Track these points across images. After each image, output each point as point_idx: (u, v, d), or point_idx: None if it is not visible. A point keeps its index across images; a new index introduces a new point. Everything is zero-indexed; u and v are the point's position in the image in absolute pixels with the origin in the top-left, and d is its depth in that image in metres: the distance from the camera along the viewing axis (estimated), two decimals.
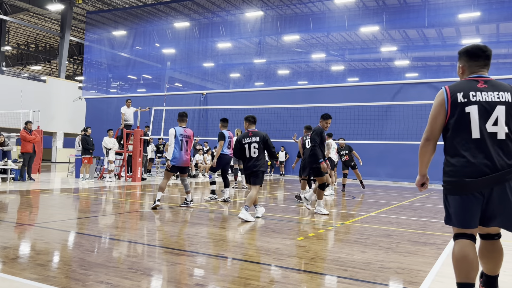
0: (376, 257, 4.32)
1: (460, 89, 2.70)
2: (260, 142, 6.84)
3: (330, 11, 22.90)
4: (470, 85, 2.71)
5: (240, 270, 3.73)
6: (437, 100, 2.75)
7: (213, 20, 26.68)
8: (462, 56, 2.86)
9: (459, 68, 2.89)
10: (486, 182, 2.57)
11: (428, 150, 2.76)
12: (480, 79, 2.74)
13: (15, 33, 36.69)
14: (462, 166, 2.61)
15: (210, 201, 8.99)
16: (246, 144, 6.85)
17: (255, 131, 7.00)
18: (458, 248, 2.63)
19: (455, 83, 2.80)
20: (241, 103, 20.58)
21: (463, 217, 2.63)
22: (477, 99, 2.65)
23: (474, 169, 2.57)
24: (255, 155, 6.79)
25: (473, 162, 2.58)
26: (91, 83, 30.10)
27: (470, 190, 2.60)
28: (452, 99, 2.68)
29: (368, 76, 24.72)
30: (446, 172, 2.71)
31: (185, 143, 7.75)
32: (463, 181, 2.60)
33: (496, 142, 2.60)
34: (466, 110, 2.64)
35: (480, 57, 2.79)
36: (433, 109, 2.76)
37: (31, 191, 10.04)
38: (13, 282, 3.13)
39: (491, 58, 2.82)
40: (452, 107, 2.68)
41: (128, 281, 3.25)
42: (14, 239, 4.69)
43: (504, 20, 19.79)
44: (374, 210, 8.67)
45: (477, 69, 2.80)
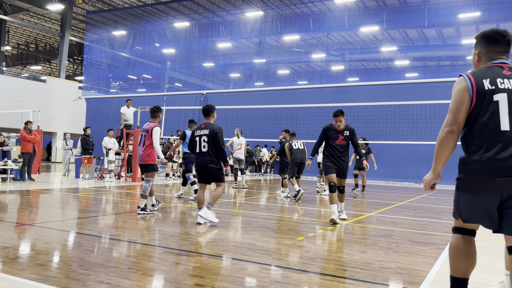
0: (376, 257, 4.32)
1: (485, 75, 2.40)
2: (209, 136, 6.02)
3: (330, 11, 22.91)
4: (496, 71, 2.41)
5: (240, 270, 3.73)
6: (459, 86, 2.42)
7: (213, 20, 26.69)
8: (479, 41, 2.58)
9: (475, 54, 2.61)
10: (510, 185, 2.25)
11: (451, 144, 2.41)
12: (505, 66, 2.44)
13: (15, 33, 36.70)
14: (486, 163, 2.29)
15: (195, 201, 8.97)
16: (197, 137, 6.12)
17: (209, 123, 6.20)
18: (454, 243, 2.51)
19: (477, 69, 2.50)
20: (241, 103, 20.58)
21: (470, 212, 2.41)
22: (505, 86, 2.35)
23: (500, 166, 2.25)
24: (205, 150, 6.02)
25: (503, 157, 2.25)
26: (91, 83, 30.10)
27: (498, 190, 2.28)
28: (478, 85, 2.36)
29: (368, 76, 24.73)
30: (466, 169, 2.39)
31: (143, 137, 7.08)
32: (487, 180, 2.29)
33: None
34: (494, 98, 2.33)
35: (499, 42, 2.51)
36: (456, 97, 2.42)
37: (31, 191, 10.04)
38: (13, 282, 3.13)
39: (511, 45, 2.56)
40: (478, 94, 2.36)
41: (128, 281, 3.25)
42: (14, 239, 4.68)
43: (504, 20, 19.78)
44: (374, 210, 8.67)
45: (496, 55, 2.52)
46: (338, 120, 6.64)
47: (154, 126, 7.03)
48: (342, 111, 6.71)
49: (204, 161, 6.03)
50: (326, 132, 6.71)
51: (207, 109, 6.31)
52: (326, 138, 6.74)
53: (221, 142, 6.02)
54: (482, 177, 2.31)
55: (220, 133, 6.03)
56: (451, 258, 2.53)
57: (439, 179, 2.54)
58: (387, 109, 17.12)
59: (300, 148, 10.42)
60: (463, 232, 2.52)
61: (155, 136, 6.98)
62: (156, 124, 7.13)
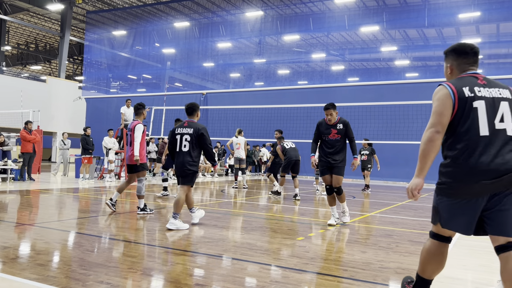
0: (376, 257, 4.32)
1: (464, 83, 2.53)
2: (192, 135, 5.67)
3: (330, 11, 22.90)
4: (472, 80, 2.55)
5: (240, 270, 3.73)
6: (442, 93, 2.52)
7: (213, 20, 26.68)
8: (449, 54, 2.74)
9: (447, 68, 2.76)
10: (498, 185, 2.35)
11: (437, 144, 2.45)
12: (479, 76, 2.60)
13: (15, 33, 36.69)
14: (472, 166, 2.37)
15: (162, 197, 9.15)
16: (178, 135, 5.76)
17: (193, 122, 5.85)
18: (429, 247, 2.61)
19: (454, 80, 2.62)
20: (241, 103, 20.58)
21: (457, 220, 2.45)
22: (482, 94, 2.48)
23: (483, 169, 2.35)
24: (186, 149, 5.67)
25: (485, 161, 2.36)
26: (91, 83, 30.09)
27: (473, 194, 2.39)
28: (459, 93, 2.48)
29: (368, 76, 24.72)
30: (447, 172, 2.47)
31: (129, 136, 6.92)
32: (469, 183, 2.37)
33: (505, 139, 2.43)
34: (474, 105, 2.45)
35: (468, 54, 2.68)
36: (440, 102, 2.50)
37: (31, 191, 10.04)
38: (13, 282, 3.13)
39: (478, 55, 2.72)
40: (460, 101, 2.47)
41: (128, 281, 3.25)
42: (14, 239, 4.69)
43: (504, 20, 19.78)
44: (374, 210, 8.67)
45: (467, 66, 2.68)
46: (329, 114, 6.31)
47: (137, 124, 6.91)
48: (333, 104, 6.36)
49: (184, 162, 5.67)
50: (319, 128, 6.43)
51: (191, 108, 5.95)
52: (319, 133, 6.44)
53: (207, 142, 5.74)
54: (466, 180, 2.39)
55: (206, 133, 5.75)
56: (422, 259, 2.64)
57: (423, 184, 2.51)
58: (387, 109, 17.11)
59: (293, 147, 10.70)
60: (440, 238, 2.60)
61: (137, 134, 6.82)
62: (139, 122, 6.99)
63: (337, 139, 6.30)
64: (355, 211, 8.40)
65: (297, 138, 18.00)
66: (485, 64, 20.97)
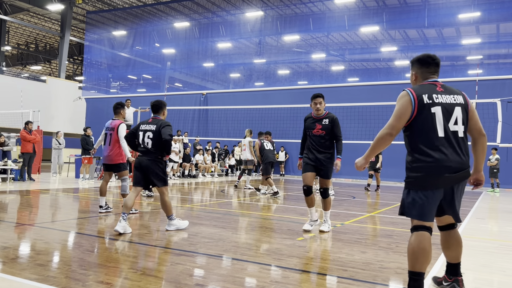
0: (376, 257, 4.32)
1: (424, 91, 2.92)
2: (155, 131, 5.40)
3: (330, 11, 22.89)
4: (431, 88, 2.95)
5: (240, 270, 3.73)
6: (404, 100, 2.92)
7: (213, 20, 26.67)
8: (415, 64, 3.14)
9: (412, 75, 3.16)
10: (457, 178, 2.83)
11: (387, 143, 2.96)
12: (437, 83, 3.00)
13: (15, 33, 36.68)
14: (433, 162, 2.80)
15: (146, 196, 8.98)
16: (141, 132, 5.49)
17: (157, 118, 5.58)
18: (417, 240, 2.83)
19: (416, 86, 3.01)
20: (241, 103, 20.57)
21: (426, 210, 2.84)
22: (439, 100, 2.89)
23: (445, 165, 2.79)
24: (149, 146, 5.41)
25: (444, 158, 2.79)
26: (91, 83, 30.08)
27: (441, 186, 2.82)
28: (419, 99, 2.88)
29: (368, 76, 24.71)
30: (414, 168, 2.88)
31: (109, 136, 6.84)
32: (434, 177, 2.80)
33: (458, 140, 2.87)
34: (432, 110, 2.86)
35: (430, 64, 3.07)
36: (400, 108, 2.92)
37: (31, 191, 10.04)
38: (13, 282, 3.13)
39: (440, 65, 3.11)
40: (419, 107, 2.87)
41: (128, 281, 3.25)
42: (14, 239, 4.69)
43: (504, 20, 19.78)
44: (374, 210, 8.67)
45: (429, 75, 3.07)
46: (318, 102, 5.73)
47: (120, 124, 6.81)
48: (321, 94, 5.87)
49: (147, 160, 5.40)
50: (305, 122, 5.86)
51: (156, 105, 5.66)
52: (305, 129, 5.83)
53: (167, 131, 5.35)
54: (431, 174, 2.81)
55: (169, 126, 5.44)
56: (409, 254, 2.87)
57: (366, 164, 3.15)
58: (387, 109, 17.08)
59: (271, 149, 11.32)
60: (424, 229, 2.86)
61: (121, 134, 6.70)
62: (121, 121, 6.92)
63: (321, 135, 5.60)
64: (355, 211, 8.40)
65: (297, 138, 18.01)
66: (485, 64, 20.98)
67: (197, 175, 17.95)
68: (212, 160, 19.49)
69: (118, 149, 6.86)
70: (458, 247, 3.12)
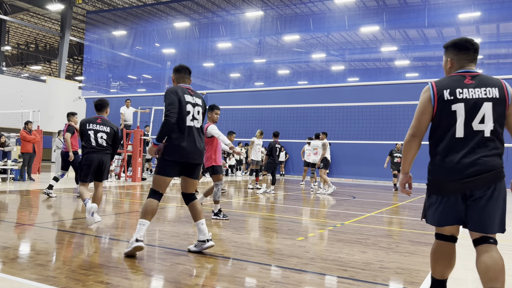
0: (376, 257, 4.32)
1: (446, 85, 2.63)
2: (109, 134, 5.92)
3: (330, 11, 22.90)
4: (457, 81, 2.63)
5: (240, 270, 3.73)
6: (424, 97, 2.69)
7: (213, 20, 26.67)
8: (450, 49, 2.77)
9: (447, 61, 2.80)
10: (473, 184, 2.50)
11: (413, 146, 2.70)
12: (468, 75, 2.65)
13: (15, 33, 36.68)
14: (444, 165, 2.57)
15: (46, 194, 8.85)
16: (91, 131, 5.85)
17: (106, 119, 6.08)
18: (436, 247, 2.70)
19: (442, 79, 2.72)
20: (241, 103, 20.57)
21: (441, 216, 2.62)
22: (463, 96, 2.56)
23: (457, 168, 2.51)
24: (105, 145, 5.88)
25: (456, 161, 2.52)
26: (91, 83, 30.09)
27: (452, 191, 2.55)
28: (439, 95, 2.61)
29: (368, 76, 24.72)
30: (428, 170, 2.69)
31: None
32: (444, 181, 2.56)
33: (482, 141, 2.52)
34: (452, 108, 2.57)
35: (469, 50, 2.71)
36: (420, 106, 2.69)
37: (31, 191, 10.04)
38: (13, 282, 3.12)
39: (478, 53, 2.77)
40: (439, 104, 2.61)
41: (128, 281, 3.25)
42: (14, 239, 4.68)
43: (504, 20, 19.78)
44: (374, 210, 8.67)
45: (466, 63, 2.72)
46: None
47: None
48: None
49: (103, 158, 5.85)
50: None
51: (100, 104, 6.16)
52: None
53: (120, 140, 6.23)
54: (442, 179, 2.58)
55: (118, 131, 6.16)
56: (431, 260, 2.76)
57: (410, 178, 2.77)
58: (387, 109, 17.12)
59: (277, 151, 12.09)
60: (441, 238, 2.70)
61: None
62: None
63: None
64: (355, 211, 8.41)
65: (297, 138, 18.01)
66: (485, 64, 20.97)
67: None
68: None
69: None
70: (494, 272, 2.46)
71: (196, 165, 4.27)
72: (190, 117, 4.15)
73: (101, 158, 5.82)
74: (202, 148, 4.26)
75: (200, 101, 4.32)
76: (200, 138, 4.25)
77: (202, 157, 4.29)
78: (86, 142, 5.84)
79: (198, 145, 4.20)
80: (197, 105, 4.25)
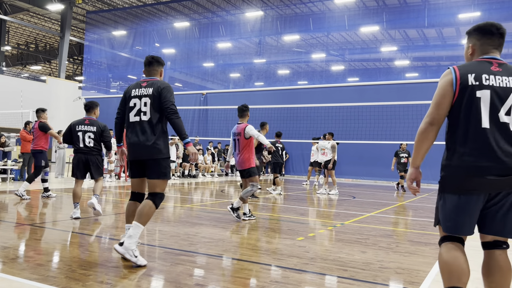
0: (376, 257, 4.32)
1: (471, 69, 2.33)
2: (96, 133, 6.38)
3: (330, 11, 22.90)
4: (483, 66, 2.35)
5: (240, 270, 3.73)
6: (444, 80, 2.37)
7: (213, 20, 26.66)
8: (473, 33, 2.49)
9: (469, 47, 2.51)
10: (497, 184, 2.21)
11: (430, 136, 2.36)
12: (494, 61, 2.38)
13: (15, 33, 36.67)
14: (467, 160, 2.25)
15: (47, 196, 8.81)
16: (80, 132, 6.31)
17: (94, 120, 6.49)
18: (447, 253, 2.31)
19: (465, 63, 2.44)
20: (241, 103, 20.53)
21: (457, 221, 2.29)
22: (490, 83, 2.28)
23: (481, 165, 2.21)
24: (91, 145, 6.35)
25: (481, 156, 2.22)
26: (91, 83, 30.07)
27: (475, 190, 2.24)
28: (462, 80, 2.31)
29: (368, 76, 24.72)
30: (446, 166, 2.34)
31: (236, 142, 6.85)
32: (466, 178, 2.25)
33: (507, 134, 2.25)
34: (477, 94, 2.27)
35: (494, 35, 2.43)
36: (439, 90, 2.37)
37: (31, 191, 10.04)
38: (13, 282, 3.12)
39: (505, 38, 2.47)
40: (461, 89, 2.30)
41: (128, 281, 3.25)
42: (14, 239, 4.68)
43: (504, 20, 19.74)
44: (374, 210, 8.67)
45: (490, 49, 2.44)
46: None
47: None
48: None
49: (87, 157, 6.35)
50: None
51: (89, 105, 6.56)
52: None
53: (108, 134, 6.58)
54: (464, 175, 2.26)
55: (107, 128, 6.58)
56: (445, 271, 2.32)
57: (420, 174, 2.47)
58: (387, 109, 17.12)
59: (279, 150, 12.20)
60: (454, 239, 2.35)
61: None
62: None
63: None
64: (355, 211, 8.41)
65: (297, 138, 18.01)
66: None
67: (197, 175, 17.95)
68: (212, 160, 19.49)
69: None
70: (502, 277, 2.31)
71: (147, 162, 3.85)
72: (134, 112, 3.86)
73: (86, 158, 6.33)
74: (146, 142, 3.78)
75: (151, 90, 3.81)
76: (146, 131, 3.80)
77: (150, 152, 3.80)
78: (75, 143, 6.33)
79: (141, 139, 3.79)
80: (144, 96, 3.84)
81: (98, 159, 6.50)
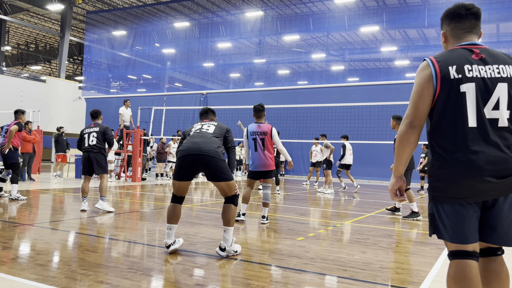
0: (376, 257, 4.32)
1: (451, 61, 2.04)
2: (98, 132, 7.15)
3: (330, 11, 22.90)
4: (463, 55, 2.05)
5: (240, 270, 3.73)
6: (422, 75, 2.07)
7: (213, 20, 26.67)
8: (444, 20, 2.22)
9: (442, 35, 2.25)
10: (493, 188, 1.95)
11: (412, 140, 2.07)
12: (475, 48, 2.08)
13: (15, 33, 36.68)
14: (458, 165, 1.97)
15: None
16: (86, 134, 7.18)
17: (97, 123, 7.36)
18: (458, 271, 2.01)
19: (443, 53, 2.12)
20: (241, 103, 20.56)
21: (461, 230, 2.01)
22: (474, 74, 2.00)
23: (473, 169, 1.93)
24: (93, 143, 7.08)
25: (472, 159, 1.93)
26: (91, 83, 30.08)
27: (470, 197, 1.99)
28: (442, 74, 2.02)
29: (368, 76, 24.72)
30: (435, 174, 2.06)
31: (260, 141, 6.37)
32: (460, 186, 1.97)
33: (497, 131, 1.97)
34: (461, 89, 1.99)
35: (464, 17, 2.13)
36: (417, 87, 2.07)
37: (31, 191, 10.04)
38: (13, 282, 3.13)
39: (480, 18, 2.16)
40: (443, 84, 2.01)
41: (128, 281, 3.25)
42: (14, 239, 4.68)
43: (504, 20, 19.78)
44: (374, 210, 8.67)
45: (464, 34, 2.14)
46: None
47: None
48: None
49: (90, 155, 7.04)
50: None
51: (95, 112, 7.54)
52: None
53: (110, 133, 7.23)
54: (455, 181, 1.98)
55: (108, 128, 7.27)
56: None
57: (404, 182, 2.19)
58: (387, 109, 17.12)
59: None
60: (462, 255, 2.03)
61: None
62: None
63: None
64: (355, 211, 8.41)
65: (297, 138, 18.01)
66: None
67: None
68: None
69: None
70: (501, 285, 2.08)
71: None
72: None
73: (88, 155, 7.04)
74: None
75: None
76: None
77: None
78: (83, 144, 7.13)
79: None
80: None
81: (100, 157, 7.09)
